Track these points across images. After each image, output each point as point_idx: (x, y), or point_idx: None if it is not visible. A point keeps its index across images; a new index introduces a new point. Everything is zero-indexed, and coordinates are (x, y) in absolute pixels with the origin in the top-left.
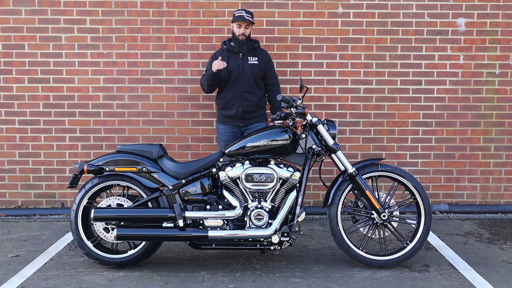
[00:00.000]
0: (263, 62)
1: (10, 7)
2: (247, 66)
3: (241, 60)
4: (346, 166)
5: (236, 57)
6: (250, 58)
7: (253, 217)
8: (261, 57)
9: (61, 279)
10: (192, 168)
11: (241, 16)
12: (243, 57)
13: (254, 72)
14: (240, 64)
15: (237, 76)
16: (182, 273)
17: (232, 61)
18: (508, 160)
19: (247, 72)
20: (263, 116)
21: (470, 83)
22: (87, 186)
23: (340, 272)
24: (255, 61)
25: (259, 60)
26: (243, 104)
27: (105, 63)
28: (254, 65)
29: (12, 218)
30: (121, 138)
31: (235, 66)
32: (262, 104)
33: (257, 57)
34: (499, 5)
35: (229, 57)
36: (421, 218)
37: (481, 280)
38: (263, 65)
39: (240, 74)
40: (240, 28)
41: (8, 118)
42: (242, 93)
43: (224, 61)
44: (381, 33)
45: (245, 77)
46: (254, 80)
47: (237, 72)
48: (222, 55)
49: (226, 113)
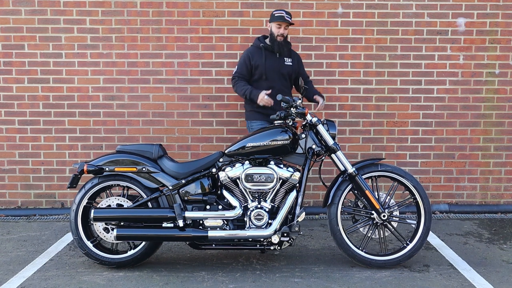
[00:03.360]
0: (296, 64)
1: (10, 7)
2: (284, 67)
3: (279, 60)
4: (346, 166)
5: (273, 57)
6: (286, 59)
7: (253, 217)
8: (294, 59)
9: (61, 279)
10: (192, 168)
11: (282, 16)
12: (280, 57)
13: (289, 73)
14: (277, 64)
15: (274, 76)
16: (182, 273)
17: (270, 61)
18: (508, 160)
19: (283, 73)
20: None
21: (470, 83)
22: (87, 186)
23: (340, 272)
24: (290, 62)
25: (293, 62)
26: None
27: (105, 63)
28: (289, 66)
29: (12, 218)
30: (121, 138)
31: (273, 65)
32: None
33: (291, 59)
34: (499, 5)
35: (266, 55)
36: (421, 218)
37: (481, 280)
38: (296, 67)
39: (277, 74)
40: (280, 29)
41: (8, 118)
42: (279, 93)
43: (269, 99)
44: (381, 33)
45: (282, 77)
46: (289, 80)
47: (274, 72)
48: (258, 53)
49: (264, 111)
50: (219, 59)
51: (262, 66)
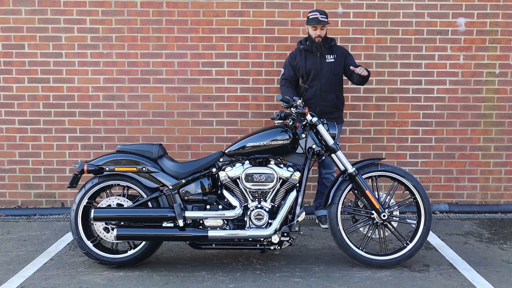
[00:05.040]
0: (341, 59)
1: (10, 7)
2: (325, 65)
3: (319, 60)
4: (346, 166)
5: (313, 57)
6: (327, 57)
7: (253, 217)
8: (338, 54)
9: (61, 279)
10: (192, 168)
11: (316, 19)
12: (321, 57)
13: (332, 71)
14: (318, 64)
15: (315, 76)
16: (182, 273)
17: (310, 61)
18: (508, 160)
19: (325, 72)
20: (339, 119)
21: (470, 83)
22: (87, 186)
23: (340, 272)
24: (332, 59)
25: (337, 57)
26: (320, 104)
27: (105, 63)
28: (331, 64)
29: (12, 218)
30: (121, 138)
31: (313, 65)
32: (339, 105)
33: (334, 55)
34: (499, 5)
35: (307, 56)
36: (421, 218)
37: (481, 280)
38: (341, 61)
39: (318, 74)
40: (316, 30)
41: (8, 118)
42: (321, 93)
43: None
44: (381, 33)
45: (323, 77)
46: (333, 78)
47: (315, 72)
48: (299, 55)
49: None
50: (219, 59)
51: (302, 68)
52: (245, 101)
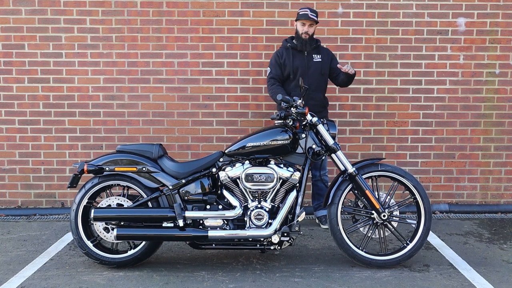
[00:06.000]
0: (327, 60)
1: (10, 7)
2: (312, 64)
3: (306, 59)
4: (346, 166)
5: (301, 55)
6: (314, 56)
7: (253, 217)
8: (324, 55)
9: (61, 279)
10: (192, 168)
11: (306, 15)
12: (308, 56)
13: (319, 70)
14: (306, 62)
15: (302, 74)
16: (182, 273)
17: (298, 59)
18: (508, 160)
19: (313, 71)
20: (326, 118)
21: (470, 83)
22: (87, 186)
23: (340, 272)
24: (319, 59)
25: (323, 58)
26: (309, 103)
27: (105, 63)
28: (319, 63)
29: (12, 218)
30: (121, 138)
31: (301, 64)
32: (326, 105)
33: (320, 55)
34: (499, 5)
35: (294, 55)
36: (421, 218)
37: (481, 280)
38: (327, 63)
39: (306, 73)
40: (304, 27)
41: (8, 118)
42: (309, 92)
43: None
44: (381, 33)
45: (311, 76)
46: (320, 78)
47: (302, 70)
48: (286, 53)
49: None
50: (219, 59)
51: (289, 66)
52: (245, 101)
